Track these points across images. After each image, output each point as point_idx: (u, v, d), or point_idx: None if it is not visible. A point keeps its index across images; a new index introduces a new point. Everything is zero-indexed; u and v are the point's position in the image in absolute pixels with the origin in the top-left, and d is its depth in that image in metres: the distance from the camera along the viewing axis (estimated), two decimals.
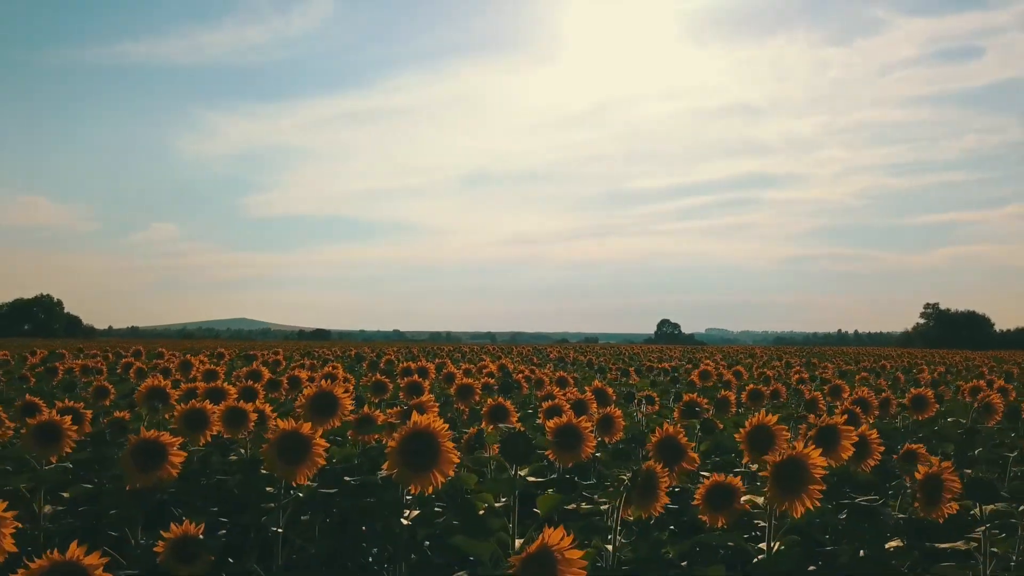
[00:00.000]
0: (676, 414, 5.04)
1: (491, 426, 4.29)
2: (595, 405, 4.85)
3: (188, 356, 6.64)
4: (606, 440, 4.14)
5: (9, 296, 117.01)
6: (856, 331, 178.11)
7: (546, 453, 3.49)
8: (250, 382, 4.74)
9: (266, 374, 6.02)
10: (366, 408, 3.76)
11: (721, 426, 4.35)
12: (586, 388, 5.73)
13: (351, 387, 6.08)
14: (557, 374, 7.34)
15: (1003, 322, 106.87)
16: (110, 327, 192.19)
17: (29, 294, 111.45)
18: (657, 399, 6.18)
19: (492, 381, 6.59)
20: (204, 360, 9.24)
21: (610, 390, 5.41)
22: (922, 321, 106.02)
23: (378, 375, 5.74)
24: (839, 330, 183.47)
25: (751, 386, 5.36)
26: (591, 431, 3.55)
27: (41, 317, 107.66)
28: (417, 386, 5.67)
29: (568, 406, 4.37)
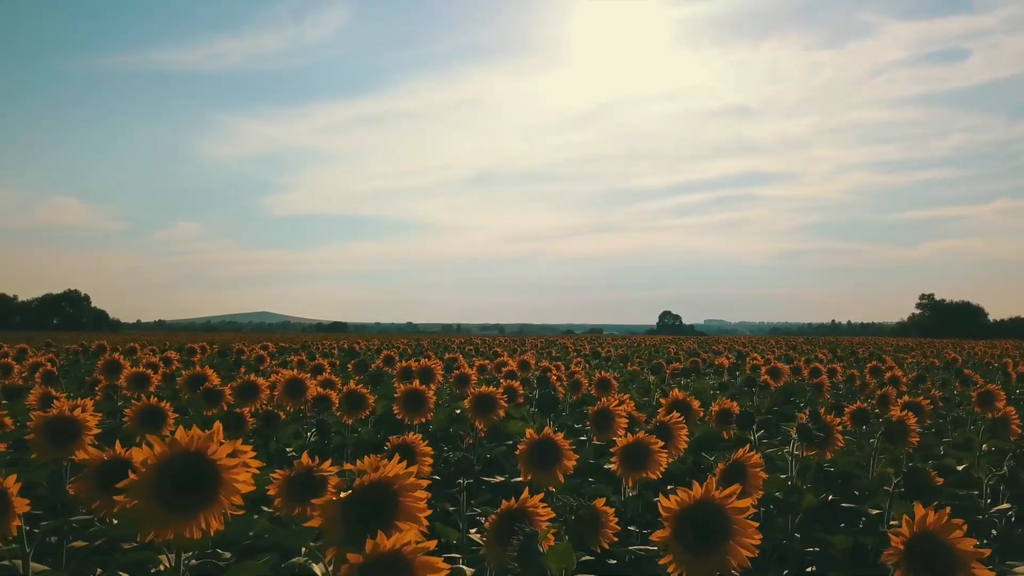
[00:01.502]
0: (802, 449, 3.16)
1: (533, 475, 2.44)
2: (684, 432, 2.99)
3: (119, 356, 4.78)
4: None
5: (42, 292, 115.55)
6: (849, 321, 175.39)
7: None
8: (155, 400, 2.88)
9: (213, 380, 4.18)
10: (306, 458, 1.89)
11: (940, 479, 2.44)
12: (660, 400, 3.85)
13: (316, 390, 4.21)
14: (598, 375, 5.48)
15: (991, 313, 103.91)
16: (138, 321, 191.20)
17: (60, 290, 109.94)
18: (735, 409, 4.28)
19: (516, 384, 4.71)
20: (174, 357, 7.41)
21: (695, 403, 3.55)
22: (918, 311, 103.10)
23: (353, 383, 3.80)
24: (832, 320, 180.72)
25: (907, 398, 3.48)
26: (744, 514, 1.68)
27: (69, 312, 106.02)
28: (418, 398, 3.80)
29: (655, 444, 2.50)
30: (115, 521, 1.83)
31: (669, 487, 2.03)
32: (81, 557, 1.63)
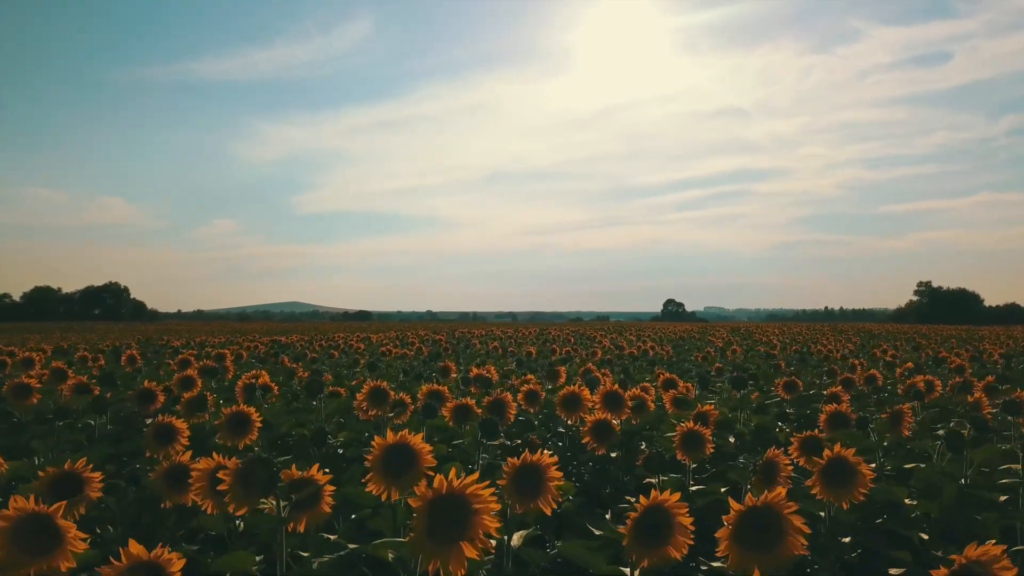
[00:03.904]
0: None
1: None
2: None
3: None
4: None
5: (87, 285, 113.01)
6: (841, 308, 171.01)
7: None
8: None
9: None
10: None
11: None
12: None
13: None
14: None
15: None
16: (179, 311, 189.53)
17: (101, 283, 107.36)
18: None
19: (681, 515, 1.55)
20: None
21: None
22: (915, 298, 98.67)
23: None
24: (825, 307, 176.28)
25: None
26: None
27: (109, 303, 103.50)
28: None
29: None
30: None
31: None
32: None
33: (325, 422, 3.69)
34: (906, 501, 2.34)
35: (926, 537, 2.32)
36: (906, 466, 2.77)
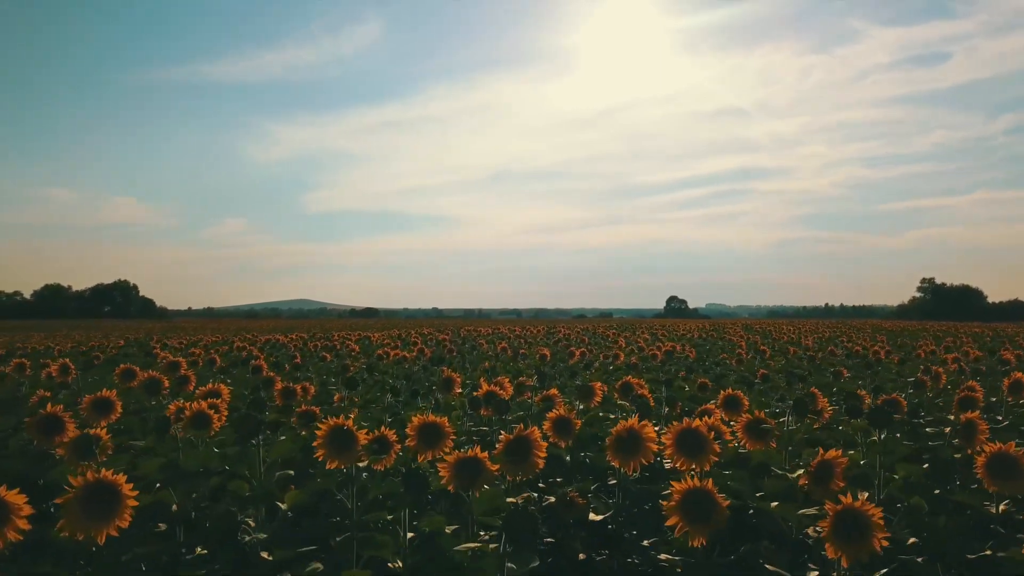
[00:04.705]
0: None
1: None
2: None
3: None
4: None
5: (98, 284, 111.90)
6: (841, 304, 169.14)
7: None
8: None
9: None
10: None
11: None
12: None
13: None
14: None
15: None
16: (189, 308, 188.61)
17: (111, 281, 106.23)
18: None
19: None
20: None
21: None
22: (919, 295, 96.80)
23: None
24: (826, 304, 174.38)
25: None
26: None
27: (119, 300, 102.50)
28: None
29: None
30: None
31: None
32: None
33: (266, 473, 2.46)
34: None
35: None
36: None
